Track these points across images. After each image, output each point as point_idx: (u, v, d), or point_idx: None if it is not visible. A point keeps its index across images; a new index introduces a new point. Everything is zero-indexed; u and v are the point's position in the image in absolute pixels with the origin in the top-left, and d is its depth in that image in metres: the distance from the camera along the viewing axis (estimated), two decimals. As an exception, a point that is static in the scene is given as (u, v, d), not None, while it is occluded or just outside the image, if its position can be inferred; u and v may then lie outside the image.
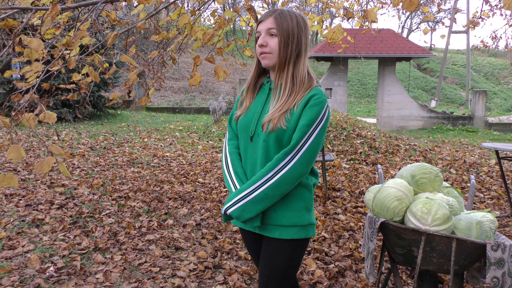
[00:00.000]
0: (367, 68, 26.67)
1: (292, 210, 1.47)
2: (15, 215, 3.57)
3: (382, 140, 7.38)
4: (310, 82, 1.49)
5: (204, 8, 3.58)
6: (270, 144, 1.46)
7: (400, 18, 6.06)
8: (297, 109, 1.44)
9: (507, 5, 1.97)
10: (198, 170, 5.56)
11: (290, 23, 1.46)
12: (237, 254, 3.07)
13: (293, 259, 1.50)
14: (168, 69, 3.45)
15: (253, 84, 1.60)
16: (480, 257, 1.73)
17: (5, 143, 2.12)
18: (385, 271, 2.77)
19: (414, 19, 36.77)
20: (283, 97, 1.46)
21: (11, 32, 2.52)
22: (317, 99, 1.44)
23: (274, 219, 1.47)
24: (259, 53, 1.50)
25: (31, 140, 7.10)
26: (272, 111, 1.46)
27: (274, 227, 1.48)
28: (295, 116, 1.44)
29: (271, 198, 1.42)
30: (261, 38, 1.48)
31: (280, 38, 1.45)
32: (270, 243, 1.50)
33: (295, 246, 1.49)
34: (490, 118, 16.14)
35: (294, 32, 1.46)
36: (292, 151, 1.41)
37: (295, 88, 1.47)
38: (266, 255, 1.51)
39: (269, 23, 1.47)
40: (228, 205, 1.46)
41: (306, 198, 1.51)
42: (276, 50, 1.46)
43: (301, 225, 1.48)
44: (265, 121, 1.46)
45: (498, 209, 4.32)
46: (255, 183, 1.43)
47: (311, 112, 1.43)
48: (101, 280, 2.61)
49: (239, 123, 1.58)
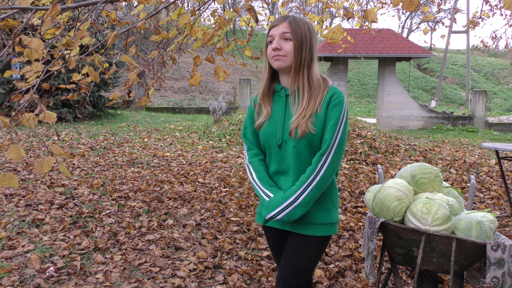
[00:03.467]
0: (367, 68, 26.66)
1: (323, 208, 1.55)
2: (15, 215, 3.57)
3: (382, 140, 7.38)
4: (326, 83, 1.55)
5: (204, 8, 3.58)
6: (302, 150, 1.52)
7: (400, 18, 6.06)
8: (320, 111, 1.50)
9: (507, 5, 1.97)
10: (198, 170, 5.56)
11: (303, 28, 1.51)
12: (237, 254, 3.07)
13: (318, 254, 1.58)
14: (168, 69, 3.45)
15: (267, 91, 1.62)
16: (480, 257, 1.73)
17: (5, 143, 2.12)
18: (385, 271, 2.77)
19: (414, 19, 36.79)
20: (304, 102, 1.51)
21: (11, 32, 2.52)
22: (336, 98, 1.50)
23: (307, 217, 1.54)
24: (272, 56, 1.53)
25: (31, 140, 7.10)
26: (297, 117, 1.50)
27: (306, 225, 1.54)
28: (321, 118, 1.49)
29: (315, 198, 1.50)
30: (276, 42, 1.52)
31: (295, 42, 1.50)
32: (299, 239, 1.56)
33: (323, 242, 1.57)
34: (490, 118, 16.14)
35: (307, 37, 1.52)
36: (327, 151, 1.48)
37: (313, 92, 1.52)
38: (293, 250, 1.56)
39: (283, 27, 1.51)
40: (275, 212, 1.50)
41: (334, 196, 1.60)
42: (290, 53, 1.50)
43: (330, 223, 1.57)
44: (292, 128, 1.51)
45: (498, 209, 4.32)
46: (300, 187, 1.48)
47: (335, 111, 1.49)
48: (101, 280, 2.61)
49: (262, 133, 1.60)
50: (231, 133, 8.32)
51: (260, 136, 1.62)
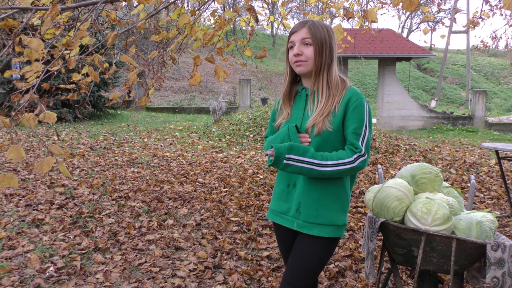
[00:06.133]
0: (367, 68, 26.67)
1: (331, 210, 1.56)
2: (15, 215, 3.57)
3: (382, 140, 7.38)
4: (344, 84, 1.59)
5: (204, 8, 3.58)
6: (317, 146, 1.54)
7: (400, 18, 6.06)
8: (338, 110, 1.53)
9: (507, 5, 1.97)
10: (198, 170, 5.56)
11: (322, 33, 1.56)
12: (237, 254, 3.07)
13: (325, 255, 1.59)
14: (168, 69, 3.45)
15: (287, 93, 1.68)
16: (480, 257, 1.73)
17: (5, 143, 2.12)
18: (385, 271, 2.77)
19: (414, 19, 36.78)
20: (322, 101, 1.55)
21: (11, 32, 2.52)
22: (356, 100, 1.53)
23: (314, 217, 1.56)
24: (294, 61, 1.58)
25: (31, 140, 7.10)
26: (314, 116, 1.55)
27: (313, 225, 1.56)
28: (338, 117, 1.53)
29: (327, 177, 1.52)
30: (296, 47, 1.57)
31: (315, 47, 1.55)
32: (306, 239, 1.58)
33: (330, 244, 1.58)
34: (490, 118, 16.14)
35: (327, 41, 1.56)
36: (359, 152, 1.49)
37: (332, 92, 1.56)
38: (301, 250, 1.58)
39: (303, 33, 1.56)
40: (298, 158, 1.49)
41: (344, 200, 1.60)
42: (312, 58, 1.56)
43: (337, 225, 1.57)
44: (309, 126, 1.56)
45: (498, 209, 4.32)
46: (328, 160, 1.49)
47: (357, 114, 1.52)
48: (101, 280, 2.61)
49: None
50: (231, 133, 8.32)
51: None
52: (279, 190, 1.67)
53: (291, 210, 1.61)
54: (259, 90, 20.68)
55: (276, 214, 1.68)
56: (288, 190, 1.63)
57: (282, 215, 1.65)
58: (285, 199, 1.64)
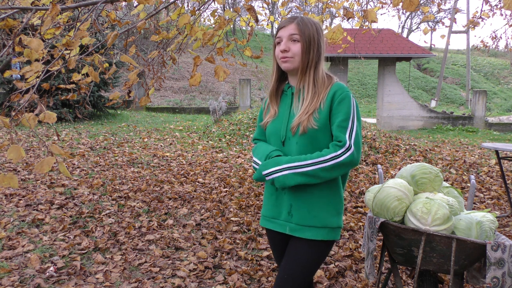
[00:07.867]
0: (367, 68, 26.67)
1: (324, 211, 1.52)
2: (15, 215, 3.57)
3: (382, 140, 7.38)
4: (330, 80, 1.55)
5: (204, 8, 3.58)
6: (304, 146, 1.51)
7: (400, 18, 6.07)
8: (324, 106, 1.49)
9: (507, 5, 1.97)
10: (198, 170, 5.56)
11: (311, 29, 1.51)
12: (237, 254, 3.07)
13: (319, 259, 1.54)
14: (168, 69, 3.45)
15: (274, 91, 1.65)
16: (480, 257, 1.72)
17: (5, 143, 2.12)
18: (385, 271, 2.77)
19: (414, 19, 36.80)
20: (307, 99, 1.51)
21: (11, 32, 2.52)
22: (341, 93, 1.48)
23: (307, 219, 1.51)
24: (280, 57, 1.54)
25: (31, 140, 7.10)
26: (299, 114, 1.51)
27: (306, 228, 1.52)
28: (323, 113, 1.49)
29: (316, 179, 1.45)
30: (284, 43, 1.52)
31: (303, 43, 1.50)
32: (299, 243, 1.53)
33: (323, 247, 1.54)
34: (490, 118, 16.13)
35: (315, 38, 1.52)
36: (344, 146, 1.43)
37: (317, 90, 1.52)
38: (293, 254, 1.54)
39: (291, 29, 1.51)
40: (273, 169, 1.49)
41: (337, 202, 1.56)
42: (298, 55, 1.51)
43: (331, 227, 1.53)
44: (294, 125, 1.52)
45: (498, 209, 4.32)
46: (307, 160, 1.45)
47: (342, 107, 1.47)
48: (101, 280, 2.61)
49: (268, 130, 1.64)
50: (231, 133, 8.32)
51: (266, 133, 1.66)
52: (269, 194, 1.62)
53: (282, 213, 1.56)
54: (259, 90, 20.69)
55: (267, 220, 1.63)
56: (277, 193, 1.58)
57: (273, 220, 1.60)
58: (275, 203, 1.59)
